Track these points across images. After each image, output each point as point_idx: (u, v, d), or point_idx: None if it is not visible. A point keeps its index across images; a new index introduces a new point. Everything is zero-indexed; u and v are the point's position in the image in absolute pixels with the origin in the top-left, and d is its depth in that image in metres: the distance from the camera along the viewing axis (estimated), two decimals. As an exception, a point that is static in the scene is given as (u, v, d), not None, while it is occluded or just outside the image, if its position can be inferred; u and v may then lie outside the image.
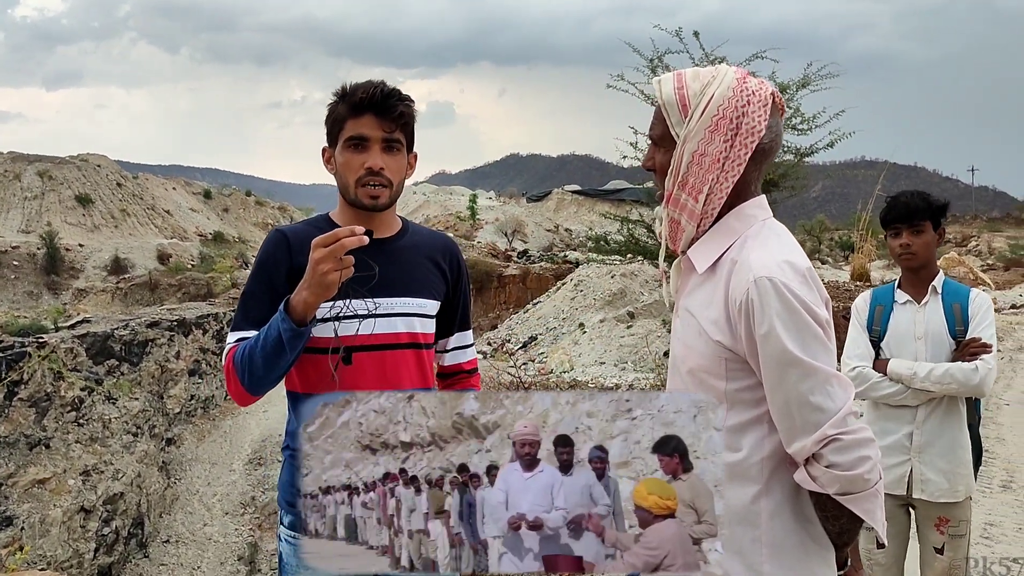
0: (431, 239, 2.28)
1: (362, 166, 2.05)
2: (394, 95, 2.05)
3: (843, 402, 1.60)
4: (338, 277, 1.79)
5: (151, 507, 8.98)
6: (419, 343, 2.13)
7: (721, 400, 1.69)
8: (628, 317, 17.71)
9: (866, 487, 1.58)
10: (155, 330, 12.43)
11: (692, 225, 1.77)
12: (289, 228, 2.17)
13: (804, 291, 1.62)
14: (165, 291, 30.02)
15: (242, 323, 2.06)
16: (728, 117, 1.70)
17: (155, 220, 46.87)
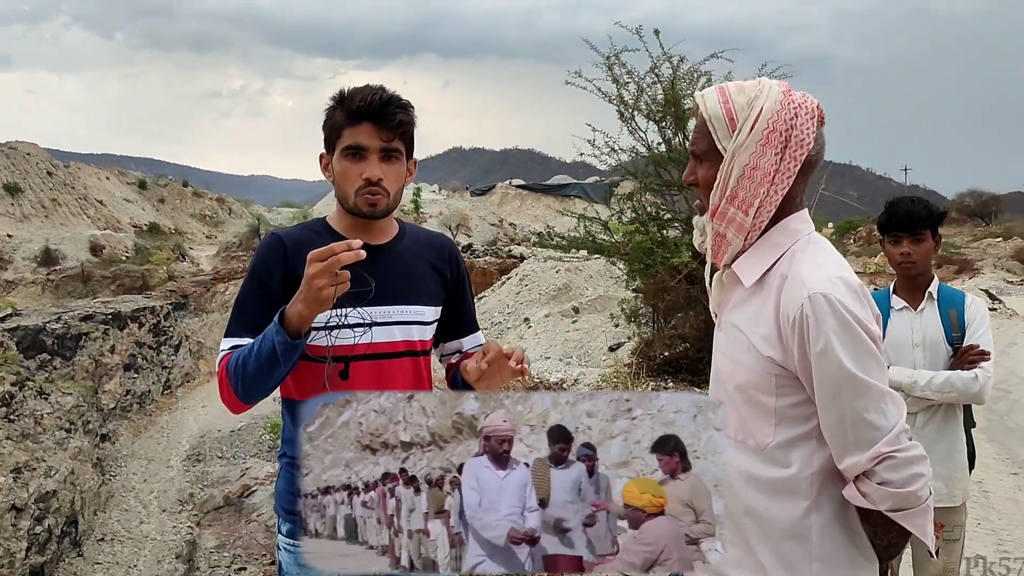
0: (428, 242, 2.25)
1: (360, 176, 2.02)
2: (393, 102, 2.02)
3: (896, 419, 1.62)
4: (333, 292, 1.76)
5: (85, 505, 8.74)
6: (416, 351, 2.12)
7: (771, 416, 1.71)
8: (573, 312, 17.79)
9: (918, 503, 1.60)
10: (89, 323, 12.11)
11: (740, 239, 1.78)
12: (285, 232, 2.13)
13: (858, 307, 1.64)
14: (98, 283, 29.26)
15: (236, 329, 2.04)
16: (778, 130, 1.71)
17: (87, 210, 45.66)
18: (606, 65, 10.07)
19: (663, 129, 10.26)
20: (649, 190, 10.52)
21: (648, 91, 10.16)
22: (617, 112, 10.19)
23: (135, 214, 49.37)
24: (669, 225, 10.61)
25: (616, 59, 10.05)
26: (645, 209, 10.67)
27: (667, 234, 10.47)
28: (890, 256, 3.30)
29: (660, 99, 10.11)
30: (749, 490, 1.75)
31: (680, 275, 9.69)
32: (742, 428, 1.77)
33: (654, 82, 10.11)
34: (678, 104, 9.94)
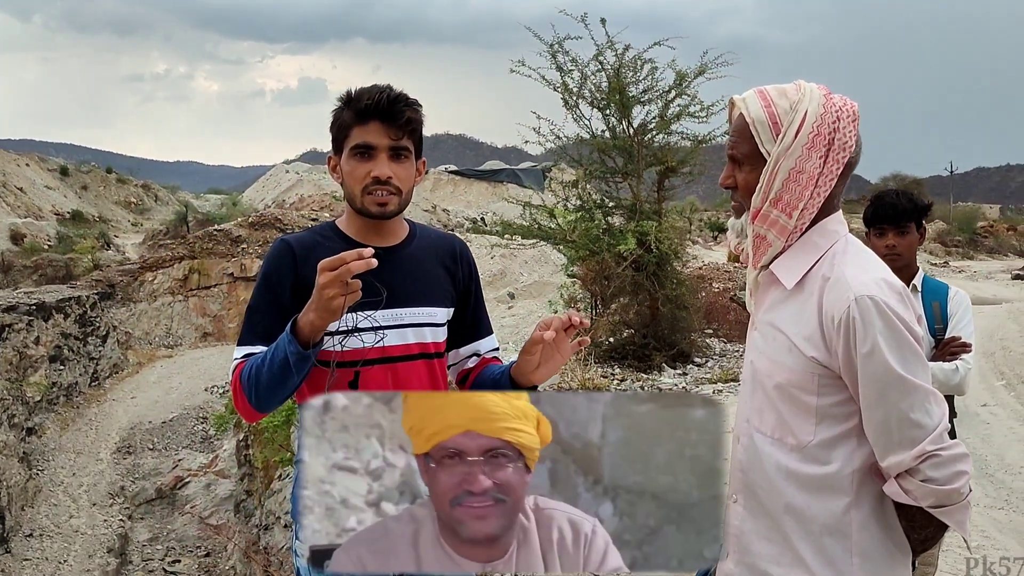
0: (439, 242, 2.22)
1: (368, 175, 2.00)
2: (401, 100, 2.00)
3: (940, 418, 1.66)
4: (343, 302, 1.74)
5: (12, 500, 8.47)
6: (430, 353, 2.09)
7: (812, 415, 1.74)
8: (508, 298, 17.84)
9: (960, 500, 1.65)
10: (12, 315, 11.72)
11: (781, 240, 1.81)
12: (294, 238, 2.11)
13: (902, 309, 1.67)
14: (20, 273, 28.32)
15: (248, 337, 2.03)
16: (822, 134, 1.74)
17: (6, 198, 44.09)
18: (549, 53, 10.07)
19: (607, 117, 10.32)
20: (593, 177, 10.59)
21: (592, 79, 10.20)
22: (562, 100, 10.23)
23: (57, 201, 47.84)
24: (614, 212, 10.70)
25: (559, 47, 10.06)
26: (590, 196, 10.74)
27: (612, 221, 10.55)
28: (875, 248, 3.28)
29: (604, 87, 10.16)
30: (789, 487, 1.78)
31: (626, 262, 9.78)
32: (780, 426, 1.80)
33: (598, 70, 10.15)
34: (623, 92, 10.00)
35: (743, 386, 1.96)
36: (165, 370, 19.59)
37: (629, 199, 10.52)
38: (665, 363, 10.08)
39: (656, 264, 10.00)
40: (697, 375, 9.95)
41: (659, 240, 9.78)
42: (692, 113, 10.25)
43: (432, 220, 38.15)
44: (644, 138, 10.29)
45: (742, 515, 1.87)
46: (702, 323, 11.57)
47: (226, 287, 27.86)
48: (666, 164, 10.20)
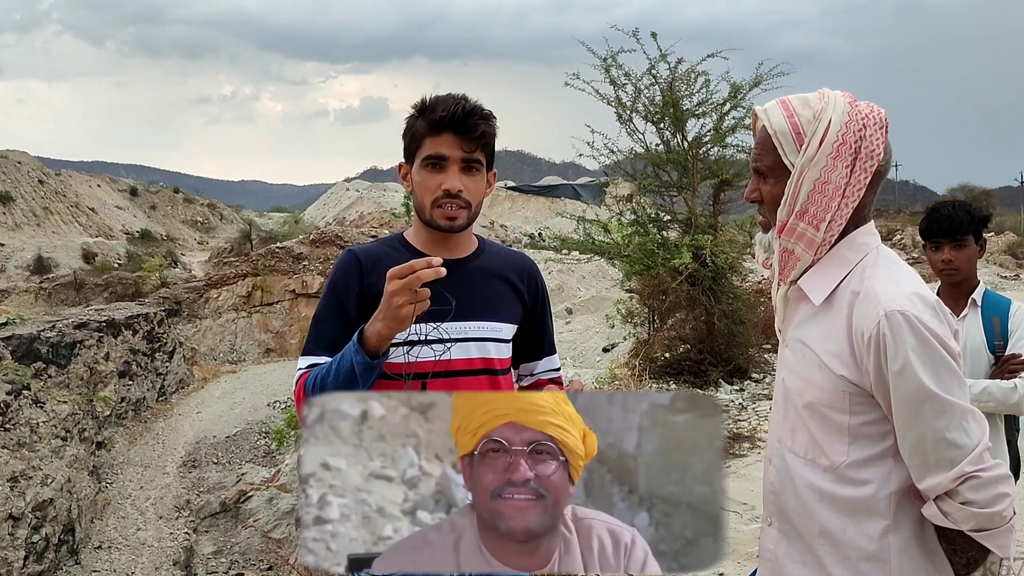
0: (508, 259, 2.20)
1: (439, 187, 1.98)
2: (475, 113, 1.99)
3: (979, 438, 1.60)
4: (412, 310, 1.74)
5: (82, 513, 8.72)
6: (494, 369, 2.06)
7: (844, 435, 1.69)
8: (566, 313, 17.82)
9: (1002, 523, 1.58)
10: (83, 331, 12.08)
11: (809, 254, 1.75)
12: (361, 248, 2.11)
13: (936, 324, 1.61)
14: (91, 291, 29.17)
15: (314, 348, 2.02)
16: (848, 143, 1.69)
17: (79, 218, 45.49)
18: (603, 67, 10.07)
19: (661, 130, 10.28)
20: (648, 191, 10.53)
21: (646, 92, 10.17)
22: (616, 114, 10.21)
23: (126, 221, 49.22)
24: (669, 226, 10.62)
25: (613, 61, 10.05)
26: (645, 210, 10.69)
27: (667, 235, 10.48)
28: (932, 262, 3.23)
29: (658, 101, 10.12)
30: (823, 510, 1.72)
31: (681, 276, 9.71)
32: (812, 446, 1.74)
33: (651, 84, 10.12)
34: (676, 105, 9.95)
35: (775, 405, 1.90)
36: (229, 385, 19.92)
37: (684, 213, 10.45)
38: (722, 379, 9.96)
39: (712, 279, 9.90)
40: (754, 391, 9.82)
41: (714, 254, 9.69)
42: (747, 125, 10.15)
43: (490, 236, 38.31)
44: (699, 151, 10.22)
45: (776, 539, 1.83)
46: (760, 338, 11.40)
47: (288, 303, 28.33)
48: (721, 177, 10.11)
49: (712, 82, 10.11)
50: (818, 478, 1.73)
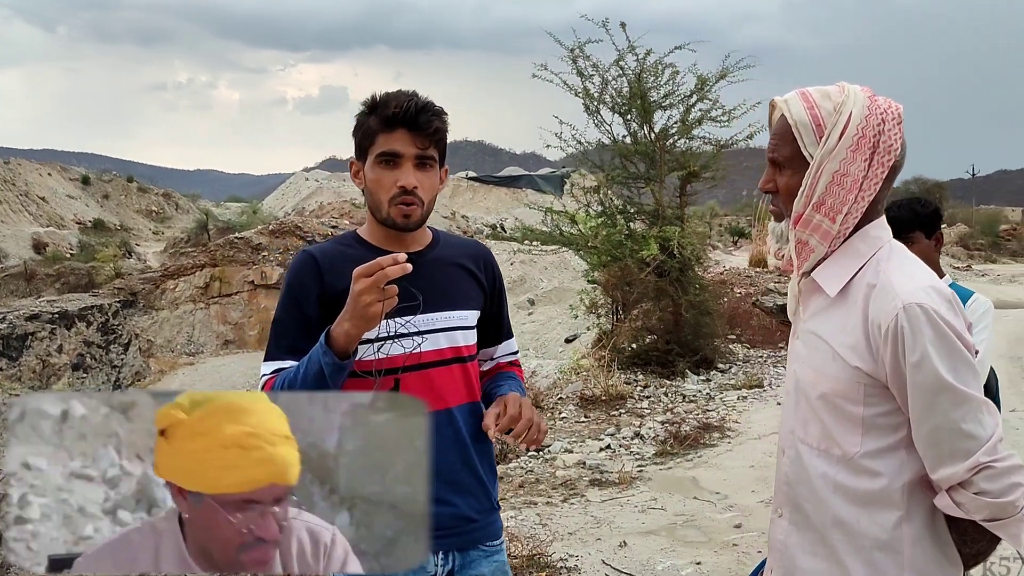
0: (463, 248, 2.23)
1: (395, 184, 1.98)
2: (428, 109, 1.99)
3: (993, 429, 1.61)
4: (381, 308, 1.74)
5: (36, 510, 8.50)
6: (463, 356, 2.09)
7: (858, 425, 1.70)
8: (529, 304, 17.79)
9: (1015, 513, 1.60)
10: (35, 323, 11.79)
11: (824, 246, 1.76)
12: (317, 249, 2.10)
13: (952, 317, 1.63)
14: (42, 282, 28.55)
15: (275, 352, 2.02)
16: (867, 136, 1.70)
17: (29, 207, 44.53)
18: (570, 58, 10.04)
19: (628, 122, 10.28)
20: (615, 183, 10.54)
21: (613, 84, 10.17)
22: (583, 105, 10.20)
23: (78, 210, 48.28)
24: (636, 218, 10.65)
25: (580, 51, 10.03)
26: (612, 202, 10.70)
27: (634, 227, 10.50)
28: None
29: (625, 92, 10.11)
30: (836, 500, 1.74)
31: (648, 267, 9.72)
32: (826, 438, 1.76)
33: (619, 75, 10.11)
34: (644, 97, 9.95)
35: (786, 397, 1.91)
36: (187, 378, 19.68)
37: (651, 204, 10.47)
38: (688, 369, 10.00)
39: (679, 270, 9.94)
40: (721, 381, 9.87)
41: (682, 246, 9.72)
42: (714, 117, 10.21)
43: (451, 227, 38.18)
44: (666, 143, 10.24)
45: (787, 529, 1.84)
46: (725, 329, 11.48)
47: (247, 295, 27.98)
48: (688, 169, 10.15)
49: (679, 74, 10.15)
50: (832, 469, 1.74)
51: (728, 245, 34.99)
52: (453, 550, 2.05)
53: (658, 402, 8.89)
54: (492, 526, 2.13)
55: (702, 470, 6.50)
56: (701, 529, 5.19)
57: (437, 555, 2.02)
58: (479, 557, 2.08)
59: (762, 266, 19.19)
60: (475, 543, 2.08)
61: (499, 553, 2.14)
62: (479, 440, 2.09)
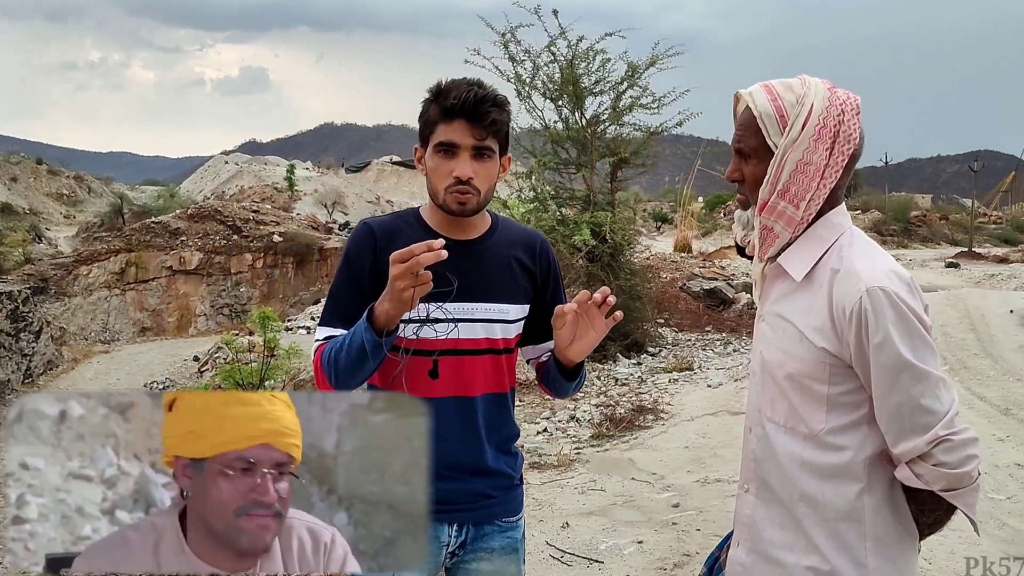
0: (520, 238, 2.24)
1: (450, 174, 2.02)
2: (487, 100, 2.01)
3: (950, 404, 1.70)
4: (413, 294, 1.80)
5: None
6: (497, 349, 2.13)
7: (823, 403, 1.79)
8: (457, 289, 17.78)
9: (970, 483, 1.70)
10: (-57, 310, 11.25)
11: (788, 232, 1.84)
12: (376, 222, 2.17)
13: (912, 299, 1.72)
14: (-54, 268, 27.35)
15: (330, 319, 2.11)
16: (828, 126, 1.78)
17: (-70, 190, 42.53)
18: (502, 43, 10.01)
19: (560, 108, 10.32)
20: (547, 168, 10.58)
21: (545, 69, 10.18)
22: (515, 91, 10.21)
23: (-17, 193, 46.29)
24: (568, 204, 10.70)
25: (512, 36, 10.01)
26: (544, 187, 10.74)
27: (566, 212, 10.56)
28: None
29: (557, 78, 10.14)
30: (803, 475, 1.82)
31: (580, 253, 9.78)
32: (792, 416, 1.84)
33: (551, 61, 10.13)
34: (576, 83, 9.99)
35: (752, 377, 1.99)
36: (102, 366, 19.11)
37: (582, 190, 10.54)
38: (620, 353, 10.12)
39: (610, 255, 10.04)
40: (652, 364, 10.02)
41: (613, 231, 9.81)
42: (644, 104, 10.32)
43: (376, 211, 37.83)
44: (597, 129, 10.31)
45: (754, 504, 1.91)
46: (654, 313, 11.64)
47: (165, 280, 27.28)
48: (619, 155, 10.24)
49: (610, 61, 10.23)
50: (798, 446, 1.82)
51: (652, 231, 35.50)
52: (468, 523, 2.11)
53: (591, 385, 8.99)
54: (511, 503, 2.19)
55: (638, 451, 6.60)
56: (640, 509, 5.27)
57: (452, 527, 2.08)
58: (493, 532, 2.14)
59: (687, 251, 19.54)
60: (492, 518, 2.14)
61: (514, 530, 2.19)
62: (499, 427, 2.15)
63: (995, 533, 4.85)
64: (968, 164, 45.91)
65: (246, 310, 25.80)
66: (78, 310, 25.57)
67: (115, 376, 18.22)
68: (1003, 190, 63.93)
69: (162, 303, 27.23)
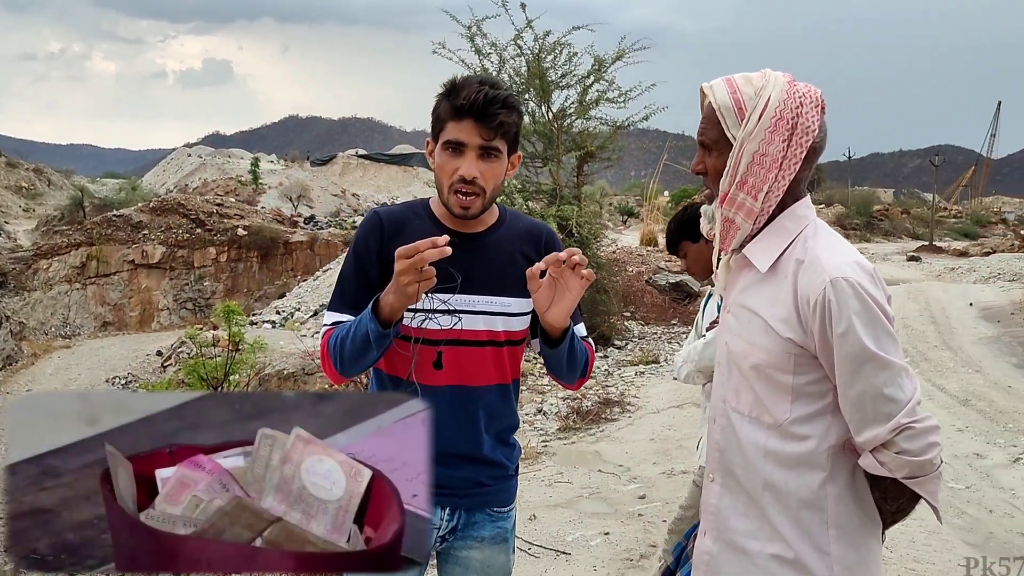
0: (526, 231, 2.25)
1: (455, 172, 2.04)
2: (496, 102, 2.01)
3: (912, 392, 1.72)
4: (418, 288, 1.84)
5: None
6: (498, 341, 2.15)
7: (787, 393, 1.80)
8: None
9: (932, 470, 1.72)
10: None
11: (749, 223, 1.85)
12: (385, 211, 2.20)
13: (875, 290, 1.74)
14: (-100, 261, 26.76)
15: (338, 305, 2.15)
16: (785, 118, 1.79)
17: None
18: (468, 36, 10.00)
19: (526, 101, 10.32)
20: (512, 162, 10.60)
21: (511, 62, 10.18)
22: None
23: (-61, 186, 45.34)
24: (534, 197, 10.71)
25: (478, 29, 10.00)
26: (511, 181, 10.72)
27: (532, 206, 10.57)
28: None
29: (524, 71, 10.14)
30: (767, 464, 1.83)
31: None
32: (757, 406, 1.85)
33: (517, 54, 10.13)
34: (543, 76, 9.99)
35: (718, 367, 2.01)
36: (63, 361, 18.82)
37: (549, 184, 10.56)
38: (586, 346, 10.13)
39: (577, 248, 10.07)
40: (618, 357, 10.07)
41: (579, 225, 9.84)
42: (610, 99, 10.35)
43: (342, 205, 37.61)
44: (563, 123, 10.33)
45: (719, 493, 1.93)
46: (620, 306, 11.69)
47: (127, 274, 26.93)
48: (585, 149, 10.27)
49: (577, 55, 10.25)
50: (762, 435, 1.84)
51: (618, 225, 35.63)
52: (461, 509, 2.13)
53: (558, 378, 8.99)
54: (504, 493, 2.21)
55: (604, 444, 6.64)
56: (607, 501, 5.30)
57: (444, 511, 2.11)
58: (484, 520, 2.16)
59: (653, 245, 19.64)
60: (484, 506, 2.16)
61: (504, 520, 2.21)
62: (498, 417, 2.17)
63: (954, 522, 4.94)
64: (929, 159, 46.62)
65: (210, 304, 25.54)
66: (38, 304, 25.18)
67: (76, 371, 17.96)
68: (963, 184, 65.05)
69: (124, 297, 26.89)
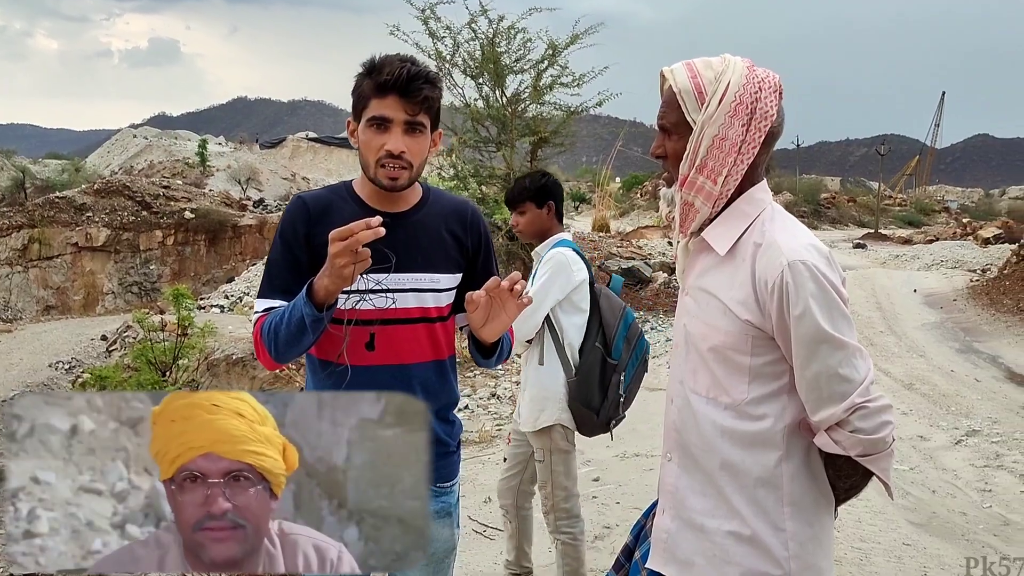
0: (451, 209, 2.28)
1: (382, 148, 2.06)
2: (419, 77, 2.05)
3: (866, 372, 1.76)
4: (354, 270, 1.84)
5: None
6: (431, 317, 2.18)
7: (745, 374, 1.83)
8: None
9: (885, 448, 1.76)
10: None
11: (708, 207, 1.88)
12: (310, 195, 2.22)
13: (831, 272, 1.77)
14: None
15: (268, 291, 2.15)
16: (744, 103, 1.82)
17: None
18: (422, 19, 9.93)
19: (480, 85, 10.29)
20: (467, 146, 10.55)
21: (466, 46, 10.13)
22: (435, 68, 10.16)
23: None
24: (488, 182, 10.69)
25: (432, 12, 9.93)
26: (464, 165, 10.70)
27: (486, 191, 10.56)
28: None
29: (478, 55, 10.10)
30: (724, 444, 1.86)
31: (501, 232, 9.79)
32: (715, 386, 1.88)
33: (472, 38, 10.09)
34: (497, 61, 9.97)
35: (675, 349, 2.04)
36: (4, 346, 18.46)
37: (503, 169, 10.55)
38: (539, 331, 10.17)
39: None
40: (571, 343, 10.09)
41: (533, 210, 9.84)
42: (564, 84, 10.37)
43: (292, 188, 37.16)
44: (517, 108, 10.32)
45: (676, 472, 1.96)
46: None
47: (70, 257, 26.38)
48: (539, 134, 10.28)
49: (531, 40, 10.24)
50: (720, 415, 1.87)
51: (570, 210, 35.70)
52: None
53: (513, 363, 9.03)
54: (446, 469, 2.24)
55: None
56: (560, 484, 5.32)
57: None
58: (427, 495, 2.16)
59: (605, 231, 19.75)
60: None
61: (448, 495, 2.25)
62: (436, 394, 2.18)
63: (899, 502, 5.07)
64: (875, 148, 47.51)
65: (156, 288, 25.15)
66: (-21, 288, 24.55)
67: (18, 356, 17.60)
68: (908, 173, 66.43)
69: (67, 280, 26.35)
